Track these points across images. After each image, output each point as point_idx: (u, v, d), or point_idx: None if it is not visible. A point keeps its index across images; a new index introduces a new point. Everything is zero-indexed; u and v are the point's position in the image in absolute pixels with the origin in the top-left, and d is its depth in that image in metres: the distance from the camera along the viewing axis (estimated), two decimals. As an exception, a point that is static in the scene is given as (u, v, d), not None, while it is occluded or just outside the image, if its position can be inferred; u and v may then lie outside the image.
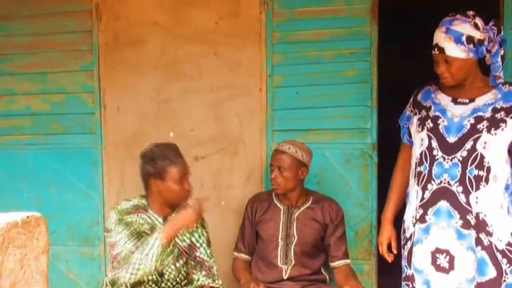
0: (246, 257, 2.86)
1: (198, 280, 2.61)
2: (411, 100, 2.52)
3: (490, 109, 2.28)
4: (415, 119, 2.45)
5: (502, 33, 2.30)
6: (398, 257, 2.57)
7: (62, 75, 3.17)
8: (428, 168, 2.34)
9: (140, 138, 3.10)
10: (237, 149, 3.08)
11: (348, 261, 2.78)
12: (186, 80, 3.08)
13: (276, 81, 3.01)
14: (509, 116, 2.26)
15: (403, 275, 2.49)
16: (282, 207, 2.79)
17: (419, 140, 2.40)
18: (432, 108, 2.39)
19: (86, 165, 3.19)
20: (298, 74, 2.98)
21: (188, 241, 2.64)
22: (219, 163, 3.10)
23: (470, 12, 2.30)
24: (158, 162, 2.50)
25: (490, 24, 2.29)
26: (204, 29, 3.05)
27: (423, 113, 2.42)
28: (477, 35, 2.25)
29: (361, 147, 2.97)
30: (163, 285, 2.63)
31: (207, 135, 3.09)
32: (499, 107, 2.28)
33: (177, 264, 2.63)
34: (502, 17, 2.74)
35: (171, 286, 2.66)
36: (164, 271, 2.61)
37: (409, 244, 2.42)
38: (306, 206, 2.78)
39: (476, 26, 2.26)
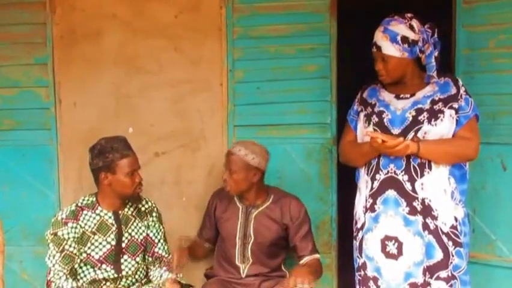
0: (206, 244, 2.91)
1: (161, 276, 2.60)
2: (358, 97, 2.64)
3: (428, 101, 2.42)
4: (362, 116, 2.57)
5: (436, 35, 2.44)
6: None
7: (14, 68, 3.06)
8: (376, 159, 2.45)
9: (98, 134, 2.98)
10: (198, 145, 3.06)
11: (315, 255, 2.74)
12: (146, 75, 3.03)
13: (237, 76, 3.00)
14: (447, 107, 2.40)
15: (355, 266, 2.57)
16: (240, 207, 2.78)
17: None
18: (377, 104, 2.51)
19: (41, 162, 3.09)
20: (259, 69, 2.99)
21: (144, 234, 2.64)
22: (180, 159, 3.07)
23: (408, 14, 2.44)
24: (108, 156, 2.50)
25: (425, 26, 2.43)
26: (163, 23, 3.00)
27: (369, 109, 2.53)
28: (411, 35, 2.39)
29: (321, 142, 3.01)
30: (122, 282, 2.59)
31: (168, 131, 3.06)
32: (436, 98, 2.42)
33: (137, 259, 2.60)
34: (454, 14, 2.83)
35: (130, 284, 2.62)
36: (123, 267, 2.57)
37: (360, 234, 2.52)
38: (265, 205, 2.76)
39: (411, 27, 2.40)
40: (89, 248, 2.55)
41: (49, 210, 3.08)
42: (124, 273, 2.59)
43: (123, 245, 2.58)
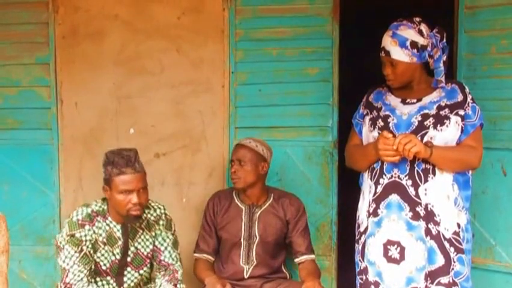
0: (209, 257, 2.79)
1: (161, 285, 2.54)
2: (364, 100, 2.63)
3: (435, 107, 2.42)
4: (367, 119, 2.55)
5: (444, 40, 2.43)
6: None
7: (16, 68, 3.04)
8: (380, 163, 2.44)
9: (99, 135, 3.04)
10: (199, 146, 3.06)
11: (312, 256, 2.77)
12: (147, 76, 3.03)
13: (238, 78, 3.00)
14: (453, 113, 2.40)
15: (357, 270, 2.57)
16: (243, 207, 2.77)
17: (372, 138, 2.50)
18: (383, 108, 2.50)
19: (41, 162, 3.07)
20: (261, 71, 3.00)
21: (151, 246, 2.57)
22: (181, 160, 3.07)
23: (417, 19, 2.43)
24: (107, 169, 2.42)
25: (434, 31, 2.42)
26: (166, 24, 3.00)
27: (375, 113, 2.52)
28: (421, 40, 2.38)
29: (322, 144, 3.01)
30: (124, 289, 2.56)
31: (169, 132, 3.05)
32: (443, 104, 2.41)
33: (140, 271, 2.56)
34: (456, 19, 2.84)
35: (132, 289, 2.60)
36: (125, 279, 2.54)
37: (363, 238, 2.51)
38: (267, 204, 2.78)
39: (420, 32, 2.39)
40: (98, 257, 2.47)
41: (49, 209, 3.08)
42: (125, 285, 2.54)
43: (128, 259, 2.52)
